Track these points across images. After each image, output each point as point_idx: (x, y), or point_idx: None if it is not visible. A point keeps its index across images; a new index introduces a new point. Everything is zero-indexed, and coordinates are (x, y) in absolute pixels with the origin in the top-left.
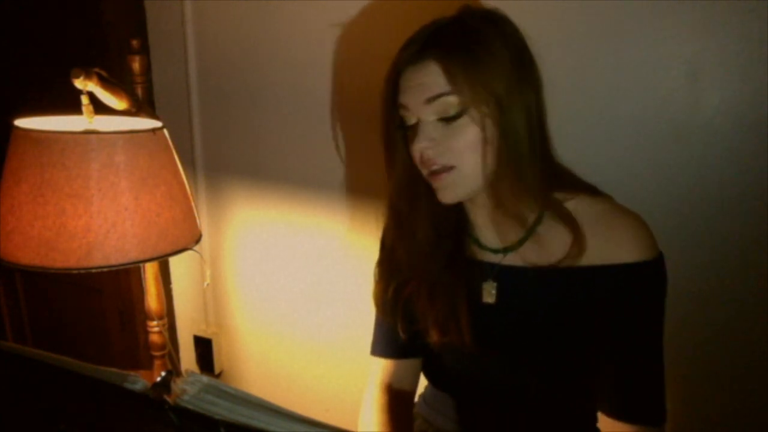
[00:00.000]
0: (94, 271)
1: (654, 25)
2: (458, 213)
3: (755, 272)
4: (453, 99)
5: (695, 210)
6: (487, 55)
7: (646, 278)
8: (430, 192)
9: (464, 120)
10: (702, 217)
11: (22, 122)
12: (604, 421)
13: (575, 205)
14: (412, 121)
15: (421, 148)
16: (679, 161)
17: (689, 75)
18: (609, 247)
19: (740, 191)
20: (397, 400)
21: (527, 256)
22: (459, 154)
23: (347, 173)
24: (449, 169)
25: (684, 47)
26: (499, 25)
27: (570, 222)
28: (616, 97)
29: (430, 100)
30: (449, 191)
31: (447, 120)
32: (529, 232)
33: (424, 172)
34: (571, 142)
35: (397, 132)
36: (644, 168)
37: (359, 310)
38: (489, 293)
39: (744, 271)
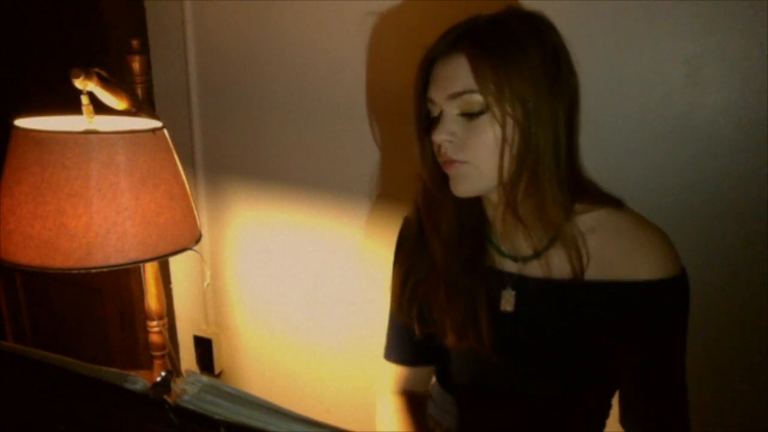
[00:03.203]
0: (94, 271)
1: (654, 25)
2: (481, 215)
3: (755, 272)
4: (477, 97)
5: (695, 210)
6: (518, 57)
7: (667, 296)
8: None
9: (486, 118)
10: (702, 217)
11: (22, 122)
12: None
13: (598, 218)
14: (436, 112)
15: (439, 140)
16: (679, 161)
17: (689, 75)
18: (631, 263)
19: (740, 191)
20: (412, 403)
21: (547, 267)
22: (475, 152)
23: (348, 173)
24: (463, 162)
25: (684, 47)
26: (539, 28)
27: (574, 247)
28: (616, 97)
29: (455, 95)
30: (461, 183)
31: (469, 116)
32: (550, 243)
33: (439, 160)
34: None
35: (424, 124)
36: (644, 168)
37: (359, 310)
38: (508, 301)
39: (744, 271)
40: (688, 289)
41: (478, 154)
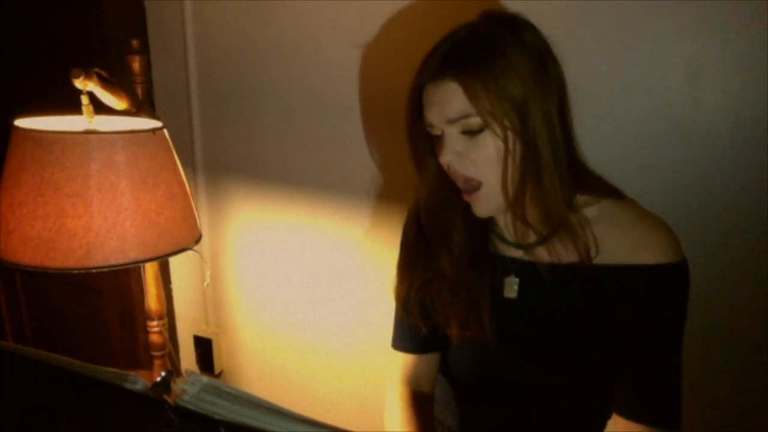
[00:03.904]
0: (94, 271)
1: (654, 25)
2: None
3: (755, 271)
4: (475, 119)
5: (695, 209)
6: (506, 68)
7: (667, 281)
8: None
9: (487, 134)
10: (702, 217)
11: (22, 122)
12: (618, 422)
13: (600, 209)
14: (437, 132)
15: (446, 161)
16: (679, 161)
17: (689, 75)
18: (632, 248)
19: (740, 191)
20: (419, 394)
21: (549, 253)
22: (482, 167)
23: (348, 173)
24: (477, 186)
25: (684, 47)
26: (518, 32)
27: (578, 236)
28: (616, 97)
29: (452, 120)
30: (482, 207)
31: (470, 133)
32: (553, 231)
33: (457, 184)
34: None
35: (424, 143)
36: (644, 168)
37: (360, 310)
38: (511, 288)
39: (744, 270)
40: (688, 277)
41: (487, 170)
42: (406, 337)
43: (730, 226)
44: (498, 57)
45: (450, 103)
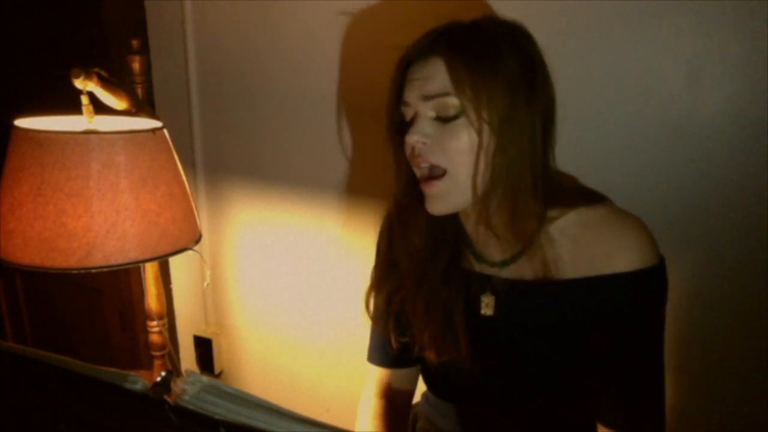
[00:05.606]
0: (94, 271)
1: (654, 25)
2: (455, 222)
3: (755, 272)
4: (452, 100)
5: (695, 210)
6: (495, 63)
7: (646, 286)
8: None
9: (461, 122)
10: (702, 217)
11: (22, 122)
12: None
13: (572, 218)
14: (410, 115)
15: (413, 141)
16: (679, 161)
17: (689, 75)
18: (608, 256)
19: (740, 191)
20: (393, 408)
21: (525, 270)
22: (451, 157)
23: (348, 173)
24: (441, 174)
25: (684, 47)
26: (516, 36)
27: (541, 255)
28: (616, 98)
29: (429, 97)
30: (439, 201)
31: (444, 119)
32: (527, 246)
33: (417, 173)
34: (571, 143)
35: (398, 129)
36: (644, 168)
37: (359, 310)
38: (488, 305)
39: (744, 271)
40: (665, 280)
41: (455, 160)
42: (380, 351)
43: (730, 226)
44: (491, 49)
45: (431, 79)
